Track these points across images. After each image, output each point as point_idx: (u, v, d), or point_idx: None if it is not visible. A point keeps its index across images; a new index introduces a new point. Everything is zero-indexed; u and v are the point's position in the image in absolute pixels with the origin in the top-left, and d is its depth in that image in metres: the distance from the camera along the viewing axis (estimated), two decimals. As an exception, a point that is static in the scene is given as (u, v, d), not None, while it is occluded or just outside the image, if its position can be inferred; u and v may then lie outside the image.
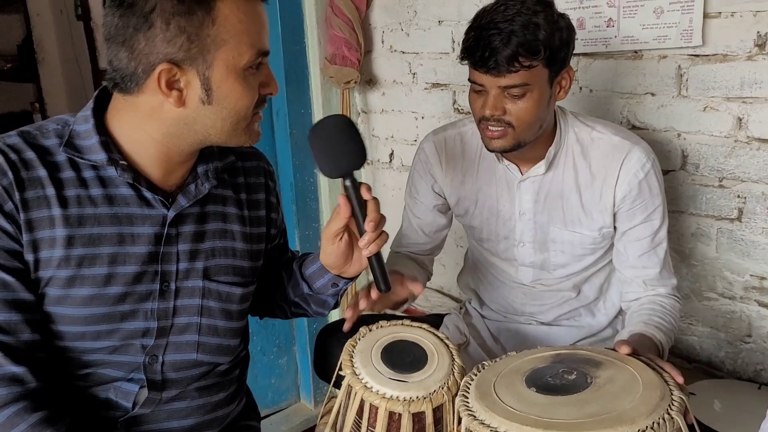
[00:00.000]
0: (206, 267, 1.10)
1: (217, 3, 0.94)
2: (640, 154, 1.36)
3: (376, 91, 2.38)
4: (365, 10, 2.27)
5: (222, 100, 0.98)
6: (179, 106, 0.97)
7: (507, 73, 1.26)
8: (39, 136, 1.02)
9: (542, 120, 1.33)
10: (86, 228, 1.00)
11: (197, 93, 0.97)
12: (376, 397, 1.06)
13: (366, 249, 1.09)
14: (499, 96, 1.29)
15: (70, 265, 0.99)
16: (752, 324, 1.63)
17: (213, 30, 0.94)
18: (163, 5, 0.91)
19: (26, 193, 0.97)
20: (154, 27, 0.92)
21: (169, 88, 0.96)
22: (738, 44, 1.50)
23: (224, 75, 0.96)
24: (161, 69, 0.94)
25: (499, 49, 1.24)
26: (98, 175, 1.02)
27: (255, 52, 0.98)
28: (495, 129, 1.32)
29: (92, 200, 1.01)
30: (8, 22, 4.17)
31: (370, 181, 2.50)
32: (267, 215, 1.23)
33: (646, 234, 1.40)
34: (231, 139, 1.04)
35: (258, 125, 1.07)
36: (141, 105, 0.99)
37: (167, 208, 1.06)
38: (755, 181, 1.54)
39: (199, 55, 0.94)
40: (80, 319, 1.01)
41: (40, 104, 4.04)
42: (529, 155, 1.41)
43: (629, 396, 0.90)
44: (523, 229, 1.48)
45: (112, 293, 1.02)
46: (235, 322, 1.16)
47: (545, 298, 1.54)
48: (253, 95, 1.01)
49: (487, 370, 1.05)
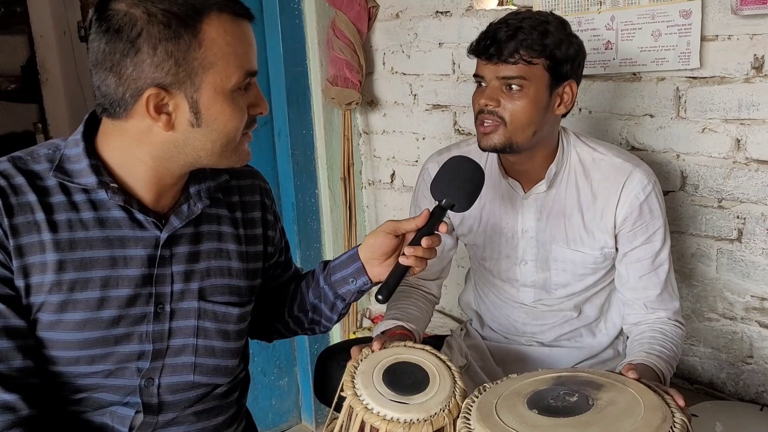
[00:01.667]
0: (202, 288, 1.10)
1: (203, 26, 0.93)
2: (642, 176, 1.37)
3: (378, 113, 2.40)
4: (366, 32, 2.30)
5: (211, 123, 0.97)
6: (168, 129, 0.97)
7: (506, 63, 1.29)
8: (30, 161, 1.02)
9: (537, 125, 1.34)
10: (77, 252, 1.00)
11: (186, 116, 0.96)
12: (376, 419, 1.05)
13: (406, 257, 1.12)
14: (497, 88, 1.32)
15: (61, 289, 0.99)
16: (753, 345, 1.63)
17: (200, 53, 0.93)
18: (149, 30, 0.91)
19: (15, 218, 0.97)
20: (141, 52, 0.92)
21: (158, 113, 0.95)
22: (735, 67, 1.51)
23: (213, 97, 0.96)
24: (149, 94, 0.93)
25: (503, 39, 1.29)
26: (89, 199, 1.02)
27: (243, 73, 0.97)
28: (488, 123, 1.34)
29: (83, 224, 1.01)
30: (12, 43, 4.20)
31: (372, 202, 2.51)
32: (263, 233, 1.22)
33: (647, 255, 1.40)
34: (221, 160, 1.03)
35: (247, 145, 1.06)
36: (130, 129, 0.99)
37: (160, 229, 1.05)
38: (754, 202, 1.55)
39: (187, 78, 0.94)
40: (74, 343, 1.00)
41: (43, 125, 4.05)
42: (532, 173, 1.43)
43: (631, 418, 0.90)
44: (526, 247, 1.48)
45: (105, 317, 1.01)
46: (233, 343, 1.15)
47: (546, 318, 1.54)
48: (242, 116, 1.00)
49: (488, 392, 1.05)
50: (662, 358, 1.30)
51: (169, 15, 0.92)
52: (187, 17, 0.92)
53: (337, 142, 2.41)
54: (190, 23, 0.93)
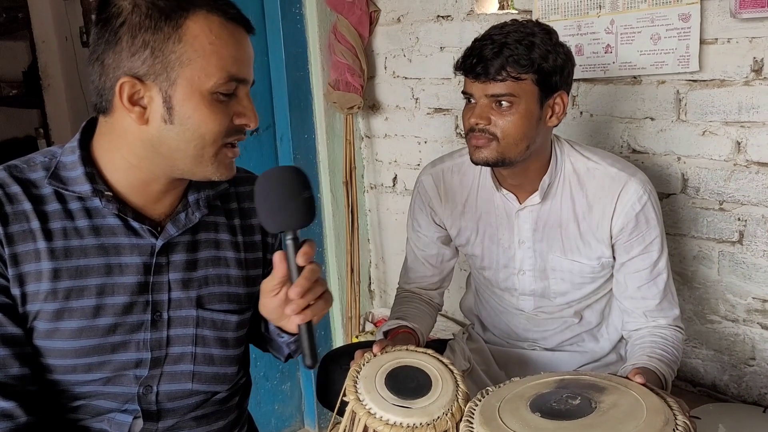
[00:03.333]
0: (200, 296, 1.09)
1: (187, 21, 0.93)
2: (637, 186, 1.36)
3: (379, 116, 2.40)
4: (368, 37, 2.30)
5: (185, 121, 0.95)
6: (142, 123, 0.96)
7: (494, 81, 1.28)
8: (26, 169, 1.02)
9: (529, 139, 1.32)
10: (72, 260, 1.00)
11: (159, 110, 0.95)
12: (379, 424, 1.05)
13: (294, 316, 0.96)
14: (486, 106, 1.31)
15: (57, 297, 0.99)
16: (755, 347, 1.63)
17: (179, 47, 0.93)
18: (131, 20, 0.92)
19: (10, 227, 0.97)
20: (121, 41, 0.93)
21: (132, 104, 0.95)
22: (735, 70, 1.52)
23: (187, 94, 0.94)
24: (122, 82, 0.93)
25: (489, 57, 1.27)
26: (84, 206, 1.02)
27: (224, 75, 0.95)
28: (480, 138, 1.33)
29: (78, 232, 1.01)
30: (14, 48, 4.21)
31: (374, 206, 2.52)
32: (263, 240, 1.20)
33: (645, 266, 1.39)
34: (197, 167, 1.00)
35: (231, 159, 1.02)
36: (116, 126, 0.99)
37: (156, 237, 1.05)
38: (755, 204, 1.55)
39: (162, 71, 0.93)
40: (70, 351, 1.00)
41: (45, 130, 4.05)
42: (526, 185, 1.42)
43: (634, 421, 0.90)
44: (523, 257, 1.48)
45: (101, 325, 1.01)
46: (232, 350, 1.15)
47: (547, 325, 1.54)
48: (221, 121, 0.97)
49: (491, 395, 1.05)
50: (664, 362, 1.30)
51: (153, 7, 0.92)
52: (171, 11, 0.93)
53: (339, 146, 2.41)
54: (173, 17, 0.93)
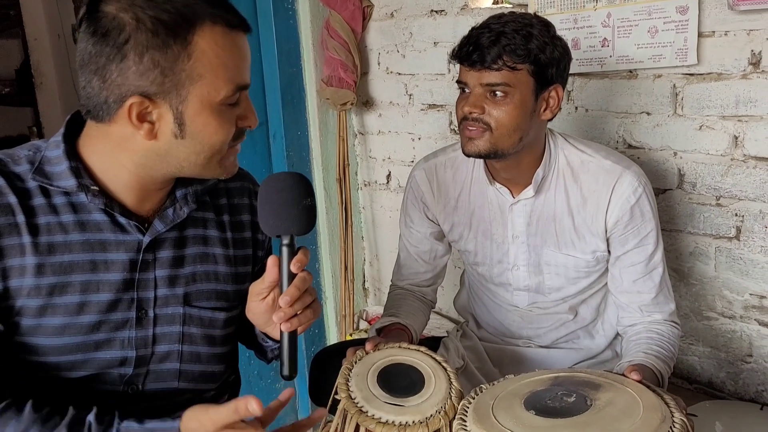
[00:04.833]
0: (187, 293, 1.08)
1: (195, 37, 0.90)
2: (632, 179, 1.34)
3: (373, 113, 2.38)
4: (361, 32, 2.29)
5: (196, 135, 0.95)
6: (150, 139, 0.94)
7: (489, 69, 1.27)
8: (10, 162, 1.00)
9: (522, 131, 1.31)
10: (56, 255, 0.98)
11: (170, 127, 0.94)
12: (371, 422, 1.04)
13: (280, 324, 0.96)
14: (481, 95, 1.30)
15: (40, 293, 0.97)
16: (753, 343, 1.62)
17: (189, 65, 0.91)
18: (137, 37, 0.89)
19: None
20: (127, 59, 0.90)
21: (141, 121, 0.93)
22: (732, 63, 1.50)
23: (198, 110, 0.93)
24: (132, 102, 0.91)
25: (486, 45, 1.26)
26: (70, 201, 1.00)
27: (233, 87, 0.95)
28: (473, 128, 1.31)
29: (63, 227, 0.99)
30: (6, 46, 4.20)
31: (368, 203, 2.50)
32: (253, 236, 1.19)
33: (640, 259, 1.38)
34: (205, 171, 1.00)
35: (234, 158, 1.03)
36: (113, 134, 0.96)
37: (143, 233, 1.03)
38: (752, 200, 1.54)
39: (172, 89, 0.91)
40: (53, 349, 0.99)
41: (38, 128, 4.04)
42: (519, 178, 1.40)
43: (630, 418, 0.89)
44: (517, 252, 1.46)
45: (85, 322, 1.00)
46: (219, 348, 1.13)
47: (542, 322, 1.53)
48: (229, 129, 0.97)
49: (484, 393, 1.04)
50: (660, 358, 1.29)
51: (158, 23, 0.89)
52: (177, 27, 0.90)
53: (332, 143, 2.40)
54: (181, 33, 0.90)
